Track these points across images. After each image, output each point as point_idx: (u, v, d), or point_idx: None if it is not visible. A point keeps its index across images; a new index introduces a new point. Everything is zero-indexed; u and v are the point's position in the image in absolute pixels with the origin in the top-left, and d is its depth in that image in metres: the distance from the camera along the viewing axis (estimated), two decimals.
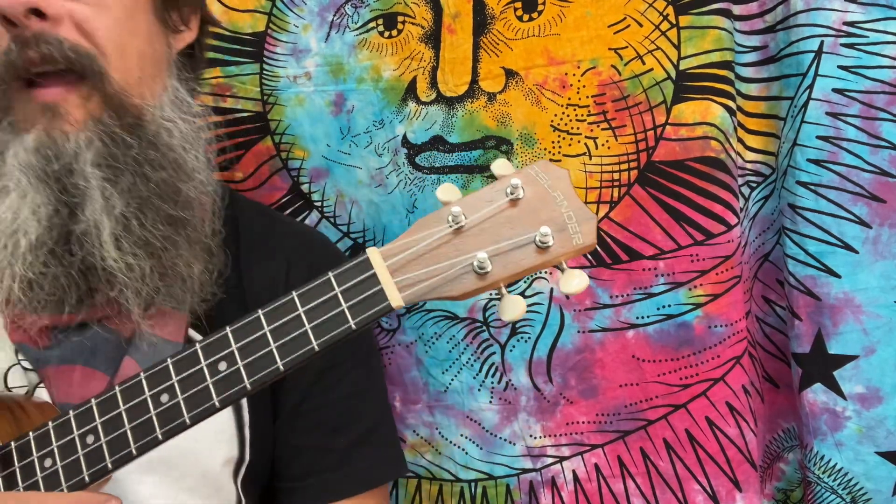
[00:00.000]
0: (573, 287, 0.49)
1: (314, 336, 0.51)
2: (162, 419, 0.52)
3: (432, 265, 0.50)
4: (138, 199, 0.66)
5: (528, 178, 0.51)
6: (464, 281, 0.49)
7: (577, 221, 0.50)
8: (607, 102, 0.90)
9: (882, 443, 0.87)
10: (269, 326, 0.51)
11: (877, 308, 0.86)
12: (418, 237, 0.50)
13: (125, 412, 0.53)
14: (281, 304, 0.52)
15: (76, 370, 0.68)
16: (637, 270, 0.91)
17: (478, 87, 0.92)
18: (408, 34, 0.94)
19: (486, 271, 0.49)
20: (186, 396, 0.52)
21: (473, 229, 0.50)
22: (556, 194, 0.51)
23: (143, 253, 0.66)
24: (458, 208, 0.50)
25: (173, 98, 0.73)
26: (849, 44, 0.85)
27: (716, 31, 0.87)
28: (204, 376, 0.52)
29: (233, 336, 0.52)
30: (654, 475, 0.92)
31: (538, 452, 0.95)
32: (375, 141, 0.97)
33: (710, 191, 0.88)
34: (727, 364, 0.90)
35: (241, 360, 0.51)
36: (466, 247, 0.49)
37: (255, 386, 0.51)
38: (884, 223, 0.86)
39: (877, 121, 0.85)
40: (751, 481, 0.90)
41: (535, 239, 0.49)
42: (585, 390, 0.93)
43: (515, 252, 0.49)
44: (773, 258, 0.94)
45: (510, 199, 0.50)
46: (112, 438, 0.53)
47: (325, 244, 0.90)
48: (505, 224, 0.49)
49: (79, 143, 0.65)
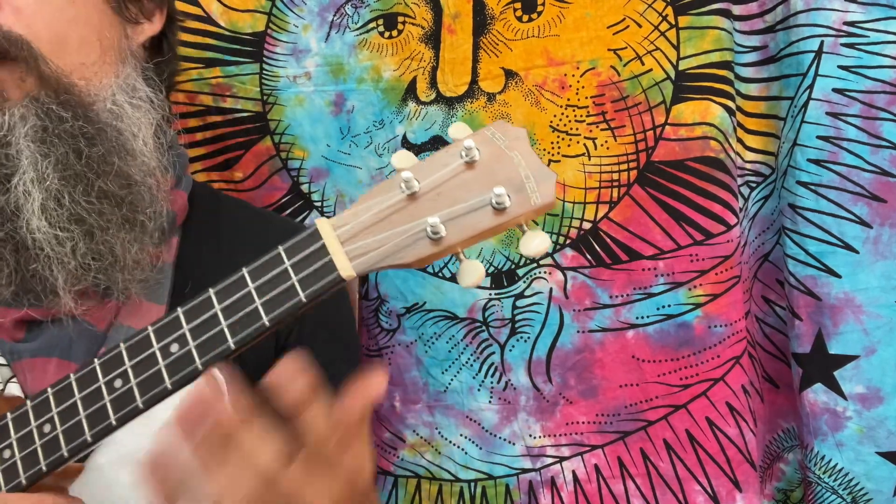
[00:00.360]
0: (533, 248, 0.47)
1: (264, 311, 0.50)
2: (115, 405, 0.51)
3: (384, 232, 0.48)
4: (71, 172, 0.66)
5: (483, 139, 0.49)
6: (417, 247, 0.47)
7: (536, 180, 0.48)
8: (606, 103, 0.90)
9: (883, 443, 0.87)
10: (221, 305, 0.50)
11: (877, 308, 0.86)
12: (369, 204, 0.48)
13: (80, 400, 0.52)
14: (232, 282, 0.51)
15: (52, 363, 0.68)
16: (637, 270, 0.91)
17: (477, 88, 0.93)
18: (408, 34, 0.95)
19: (440, 236, 0.47)
20: (139, 381, 0.51)
21: (428, 194, 0.48)
22: (513, 154, 0.49)
23: (75, 228, 0.66)
24: (410, 174, 0.48)
25: (122, 84, 0.73)
26: (849, 44, 0.84)
27: (715, 32, 0.87)
28: (156, 359, 0.51)
29: (184, 317, 0.51)
30: (654, 476, 0.92)
31: (538, 452, 0.95)
32: (375, 141, 0.97)
33: (710, 191, 0.88)
34: (727, 364, 0.89)
35: (193, 340, 0.50)
36: (419, 212, 0.48)
37: (206, 366, 0.50)
38: (884, 223, 0.86)
39: (877, 121, 0.85)
40: (751, 481, 0.90)
41: (490, 200, 0.47)
42: (585, 390, 0.93)
43: (471, 215, 0.47)
44: (773, 258, 0.94)
45: (465, 162, 0.48)
46: (68, 427, 0.53)
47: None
48: (460, 187, 0.48)
49: (13, 117, 0.66)
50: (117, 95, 0.72)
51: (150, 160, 0.73)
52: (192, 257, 0.76)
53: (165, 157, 0.76)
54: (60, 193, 0.66)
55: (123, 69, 0.74)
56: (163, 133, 0.77)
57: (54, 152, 0.66)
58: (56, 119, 0.67)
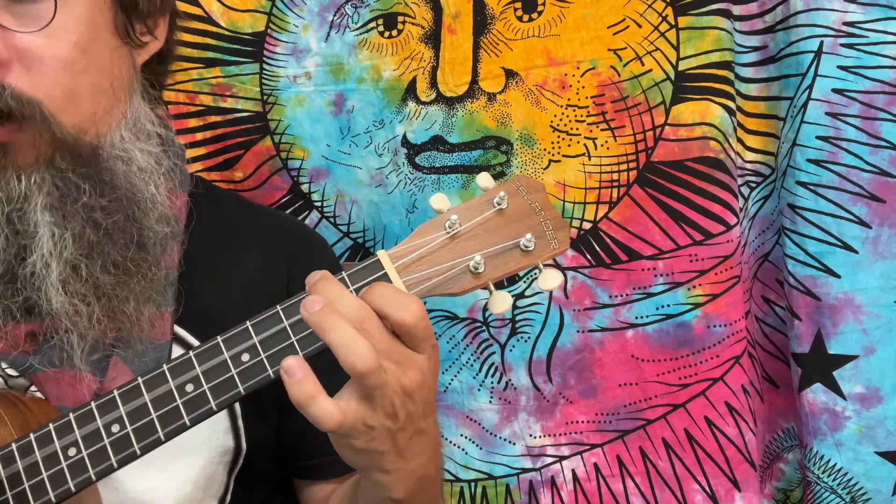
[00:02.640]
0: (549, 283, 0.57)
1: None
2: (189, 407, 0.55)
3: (434, 266, 0.57)
4: (88, 245, 0.66)
5: (511, 190, 0.59)
6: (462, 279, 0.57)
7: (554, 229, 0.58)
8: (607, 103, 0.90)
9: (882, 443, 0.87)
10: (288, 321, 0.56)
11: (877, 308, 0.86)
12: (420, 241, 0.57)
13: (150, 402, 0.56)
14: (300, 299, 0.55)
15: (65, 374, 0.67)
16: (636, 270, 0.91)
17: (478, 88, 0.93)
18: (408, 34, 0.94)
19: (479, 271, 0.57)
20: (211, 386, 0.56)
21: (467, 235, 0.58)
22: (534, 205, 0.59)
23: (92, 297, 0.66)
24: (456, 216, 0.57)
25: (132, 126, 0.71)
26: (848, 44, 0.84)
27: (715, 32, 0.87)
28: (229, 367, 0.56)
29: (253, 329, 0.56)
30: (654, 475, 0.93)
31: (538, 452, 0.95)
32: (375, 141, 0.97)
33: (709, 191, 0.88)
34: (726, 364, 0.90)
35: (264, 352, 0.55)
36: (462, 250, 0.57)
37: (277, 374, 0.54)
38: (884, 223, 0.86)
39: (876, 121, 0.85)
40: (750, 481, 0.90)
41: (519, 244, 0.57)
42: (585, 390, 0.93)
43: (503, 255, 0.57)
44: (772, 258, 0.94)
45: (497, 210, 0.58)
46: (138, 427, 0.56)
47: (312, 234, 0.92)
48: (494, 231, 0.58)
49: (30, 185, 0.64)
50: (127, 142, 0.70)
51: (163, 199, 0.72)
52: (197, 258, 0.76)
53: (174, 177, 0.75)
54: (78, 265, 0.65)
55: (131, 107, 0.72)
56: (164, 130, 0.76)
57: (72, 225, 0.65)
58: (74, 190, 0.66)
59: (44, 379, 0.67)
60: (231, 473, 0.74)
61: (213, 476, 0.72)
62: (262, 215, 0.89)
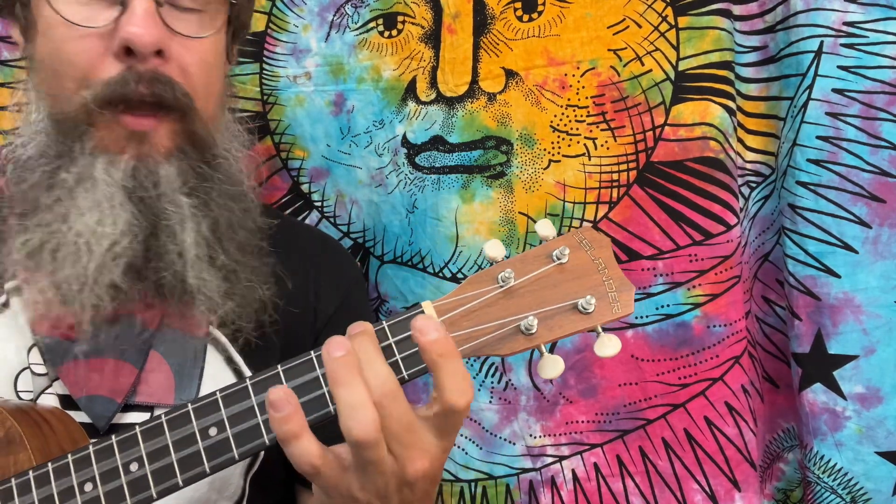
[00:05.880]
0: (607, 351, 0.53)
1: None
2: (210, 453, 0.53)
3: (483, 324, 0.53)
4: (218, 227, 0.72)
5: (573, 243, 0.55)
6: (512, 341, 0.53)
7: (617, 290, 0.54)
8: (606, 103, 0.90)
9: (882, 443, 0.87)
10: (322, 370, 0.53)
11: (877, 308, 0.86)
12: (471, 294, 0.53)
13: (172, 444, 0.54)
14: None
15: (108, 363, 0.69)
16: (636, 270, 0.91)
17: (478, 88, 0.93)
18: (408, 34, 0.94)
19: (532, 333, 0.53)
20: (237, 433, 0.53)
21: (521, 290, 0.53)
22: (598, 262, 0.54)
23: (220, 275, 0.71)
24: (511, 271, 0.53)
25: (229, 128, 0.79)
26: (849, 44, 0.84)
27: (715, 32, 0.87)
28: (255, 414, 0.53)
29: (284, 374, 0.53)
30: (653, 474, 0.93)
31: (538, 452, 0.95)
32: (375, 141, 0.97)
33: (709, 191, 0.88)
34: (726, 364, 0.90)
35: (300, 397, 0.52)
36: (516, 308, 0.53)
37: (312, 423, 0.52)
38: (884, 223, 0.86)
39: (877, 121, 0.85)
40: (750, 481, 0.90)
41: (578, 304, 0.53)
42: (585, 390, 0.93)
43: (559, 316, 0.53)
44: (772, 258, 0.94)
45: (557, 265, 0.54)
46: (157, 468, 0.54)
47: (344, 251, 0.95)
48: (551, 288, 0.53)
49: (170, 171, 0.70)
50: (227, 142, 0.77)
51: (255, 199, 0.79)
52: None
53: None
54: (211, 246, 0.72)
55: (224, 109, 0.80)
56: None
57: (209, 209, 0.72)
58: (209, 178, 0.72)
59: (83, 367, 0.69)
60: (247, 476, 0.75)
61: (228, 477, 0.73)
62: (295, 226, 0.93)
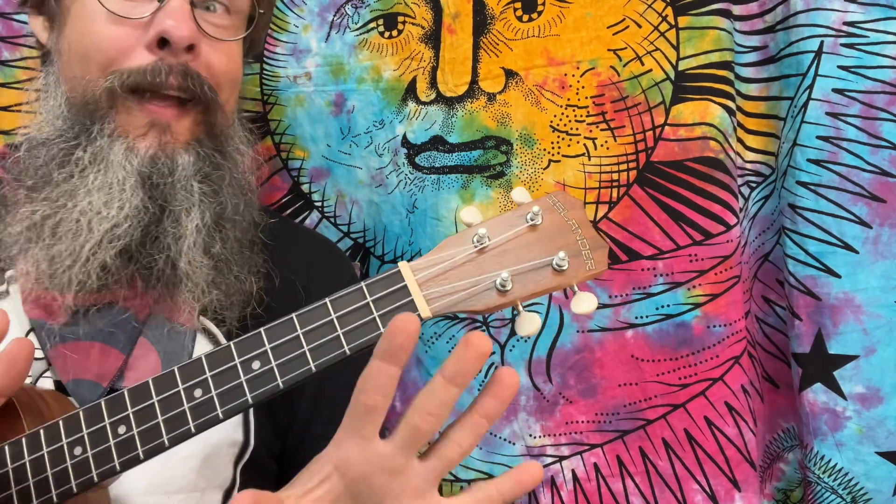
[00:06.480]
0: (583, 307, 0.53)
1: (346, 341, 0.54)
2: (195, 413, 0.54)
3: (458, 281, 0.54)
4: (222, 217, 0.74)
5: (546, 205, 0.56)
6: (487, 297, 0.54)
7: (591, 248, 0.55)
8: (606, 103, 0.90)
9: (882, 443, 0.87)
10: (302, 329, 0.54)
11: (877, 308, 0.86)
12: (445, 254, 0.55)
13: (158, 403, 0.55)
14: (314, 309, 0.54)
15: (95, 347, 0.71)
16: (636, 270, 0.91)
17: (478, 88, 0.93)
18: (408, 34, 0.95)
19: (507, 289, 0.53)
20: (220, 392, 0.54)
21: (496, 250, 0.54)
22: (571, 222, 0.55)
23: (211, 264, 0.73)
24: (485, 230, 0.54)
25: (240, 124, 0.82)
26: (849, 44, 0.84)
27: (715, 32, 0.87)
28: (238, 374, 0.54)
29: (266, 336, 0.54)
30: (653, 475, 0.92)
31: (538, 452, 0.95)
32: (375, 141, 0.97)
33: (709, 191, 0.88)
34: (726, 364, 0.89)
35: (275, 360, 0.54)
36: (490, 266, 0.54)
37: (286, 385, 0.54)
38: (884, 223, 0.86)
39: (877, 121, 0.85)
40: (750, 481, 0.90)
41: (552, 262, 0.53)
42: (585, 390, 0.93)
43: (534, 273, 0.54)
44: (773, 258, 0.94)
45: (530, 225, 0.55)
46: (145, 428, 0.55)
47: (339, 252, 0.96)
48: (525, 247, 0.54)
49: (187, 159, 0.72)
50: (237, 138, 0.80)
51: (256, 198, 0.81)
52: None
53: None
54: (211, 234, 0.73)
55: (237, 110, 0.82)
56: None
57: (217, 198, 0.74)
58: (221, 167, 0.75)
59: (72, 351, 0.70)
60: (237, 465, 0.76)
61: (218, 465, 0.74)
62: (292, 226, 0.94)
